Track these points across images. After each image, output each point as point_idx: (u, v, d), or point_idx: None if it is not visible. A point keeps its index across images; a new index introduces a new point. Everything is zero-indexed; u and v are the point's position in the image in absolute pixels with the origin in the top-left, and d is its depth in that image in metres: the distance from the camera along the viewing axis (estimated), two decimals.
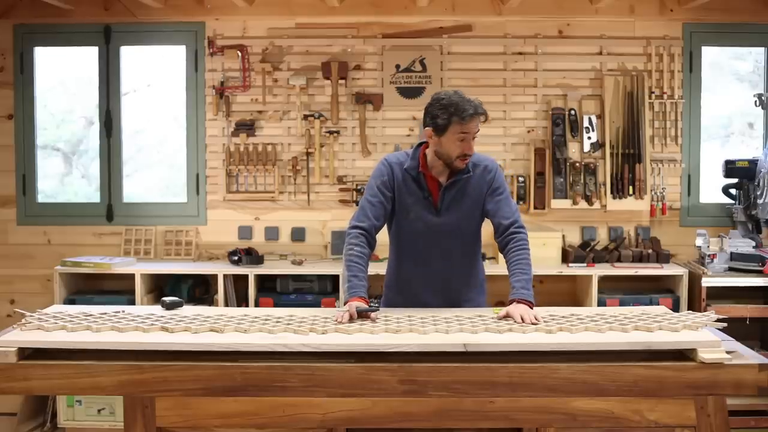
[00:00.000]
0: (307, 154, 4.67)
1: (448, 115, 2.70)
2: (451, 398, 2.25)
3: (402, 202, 2.85)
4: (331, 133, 4.65)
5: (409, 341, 2.30)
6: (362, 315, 2.53)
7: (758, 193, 4.34)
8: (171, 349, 2.27)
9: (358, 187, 4.63)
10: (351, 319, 2.50)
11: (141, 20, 4.67)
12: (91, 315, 2.55)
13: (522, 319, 2.48)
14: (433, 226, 2.83)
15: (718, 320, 2.46)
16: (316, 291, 4.39)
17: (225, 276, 4.34)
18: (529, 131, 4.69)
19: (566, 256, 4.47)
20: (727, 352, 2.25)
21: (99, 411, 4.21)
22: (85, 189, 5.12)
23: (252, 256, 4.42)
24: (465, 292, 2.92)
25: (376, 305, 2.71)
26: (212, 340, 2.30)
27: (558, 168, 4.61)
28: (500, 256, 2.87)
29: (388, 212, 2.85)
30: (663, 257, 4.45)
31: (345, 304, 2.61)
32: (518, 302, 2.59)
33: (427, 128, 2.77)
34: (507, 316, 2.54)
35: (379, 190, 2.83)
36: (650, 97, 4.60)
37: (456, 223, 2.84)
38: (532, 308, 2.58)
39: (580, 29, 4.67)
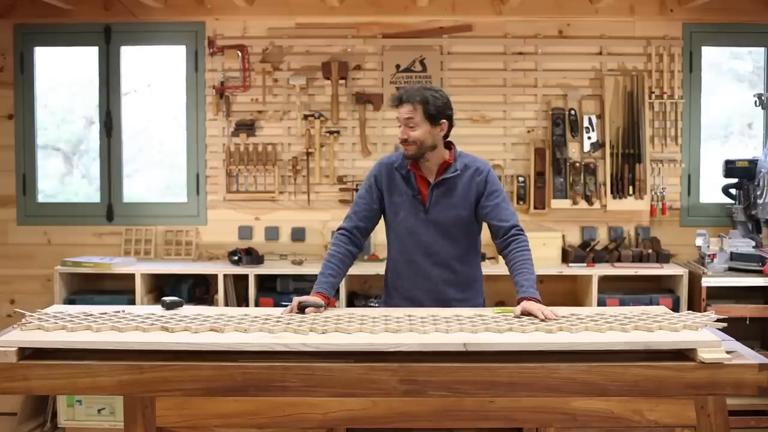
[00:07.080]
0: (307, 154, 4.67)
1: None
2: (451, 398, 2.25)
3: (392, 201, 2.89)
4: (331, 133, 4.65)
5: (409, 341, 2.30)
6: (305, 309, 2.60)
7: (758, 193, 4.34)
8: (171, 349, 2.27)
9: (358, 187, 4.62)
10: (293, 312, 2.60)
11: (141, 20, 4.67)
12: (91, 315, 2.55)
13: (543, 314, 2.47)
14: (422, 225, 2.85)
15: (718, 320, 2.45)
16: None
17: (225, 276, 4.34)
18: (529, 131, 4.69)
19: (566, 256, 4.47)
20: (727, 352, 2.25)
21: (99, 411, 4.22)
22: (86, 189, 5.12)
23: (252, 256, 4.42)
24: (455, 292, 2.90)
25: (323, 304, 2.68)
26: (212, 340, 2.30)
27: (558, 168, 4.61)
28: (500, 256, 2.85)
29: (375, 211, 2.93)
30: (663, 257, 4.45)
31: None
32: (528, 300, 2.58)
33: None
34: (524, 314, 2.53)
35: (366, 191, 2.94)
36: (650, 97, 4.60)
37: (444, 221, 2.85)
38: None
39: (580, 29, 4.67)
